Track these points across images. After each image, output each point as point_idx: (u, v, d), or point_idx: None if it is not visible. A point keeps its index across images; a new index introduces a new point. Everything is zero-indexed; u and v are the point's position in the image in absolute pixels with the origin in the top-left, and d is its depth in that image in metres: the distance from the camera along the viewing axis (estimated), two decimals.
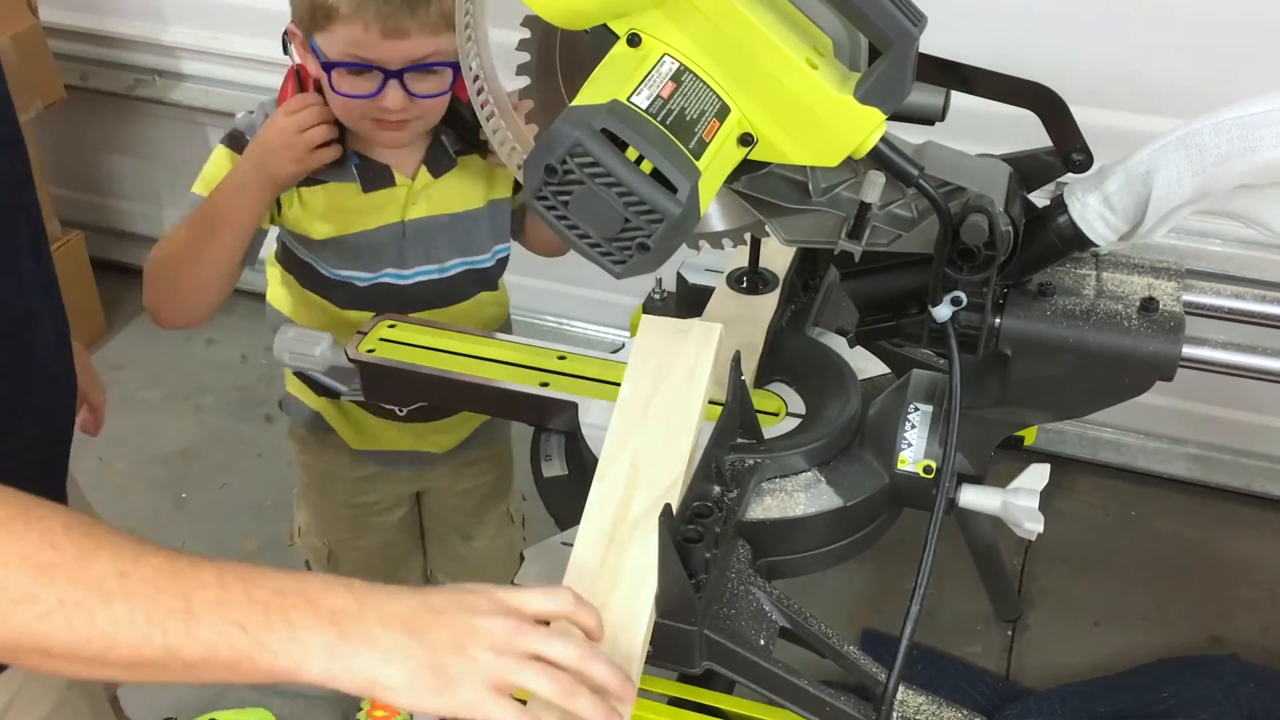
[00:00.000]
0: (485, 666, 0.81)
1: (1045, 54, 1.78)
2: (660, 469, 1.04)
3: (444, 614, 0.82)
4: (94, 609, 0.76)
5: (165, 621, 0.77)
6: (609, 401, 1.25)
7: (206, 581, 0.79)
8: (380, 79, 1.42)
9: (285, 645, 0.79)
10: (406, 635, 0.81)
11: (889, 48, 0.89)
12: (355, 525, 1.87)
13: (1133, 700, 2.13)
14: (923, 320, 1.07)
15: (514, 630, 0.83)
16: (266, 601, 0.79)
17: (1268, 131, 0.94)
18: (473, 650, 0.81)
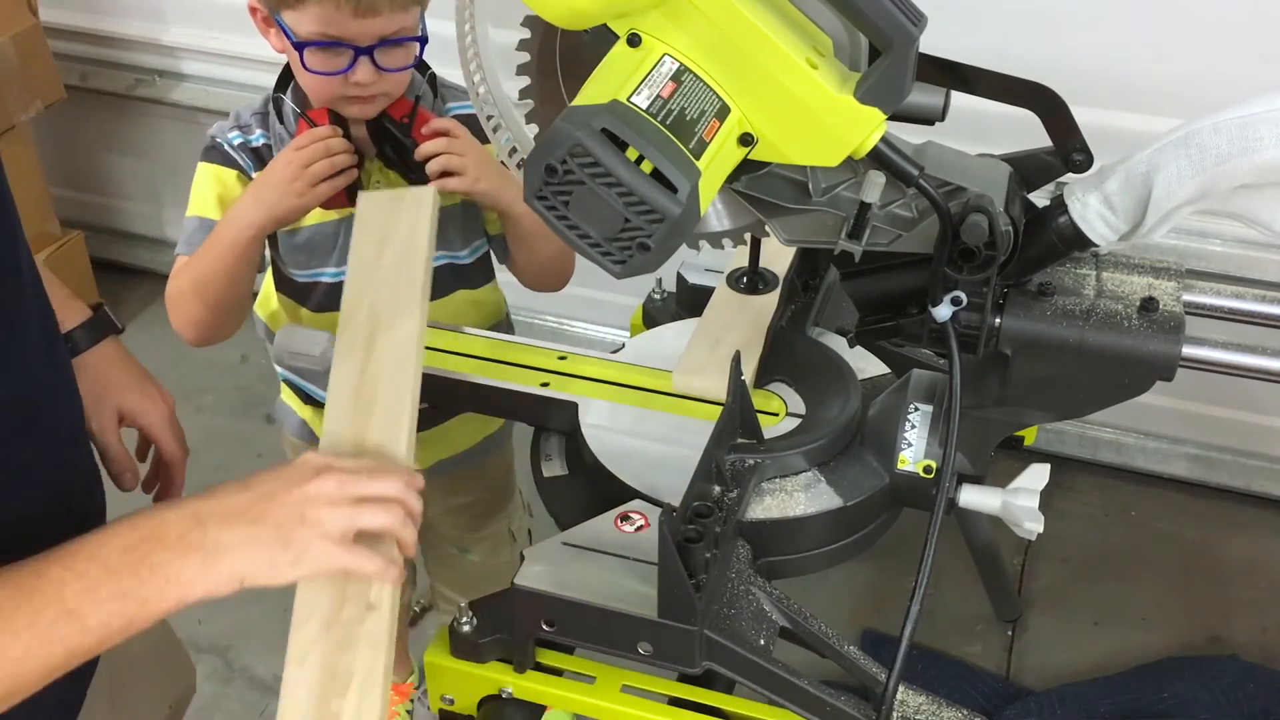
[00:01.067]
0: (327, 524, 0.90)
1: (1045, 54, 1.79)
2: (397, 315, 1.12)
3: (275, 496, 0.90)
4: None
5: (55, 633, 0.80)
6: (609, 401, 1.26)
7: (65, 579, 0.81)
8: (351, 55, 1.43)
9: (161, 590, 0.84)
10: (251, 526, 0.88)
11: (889, 48, 0.89)
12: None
13: (1133, 700, 2.13)
14: (923, 320, 1.07)
15: (340, 483, 0.92)
16: (124, 565, 0.83)
17: (1268, 131, 0.94)
18: (311, 514, 0.90)
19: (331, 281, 1.60)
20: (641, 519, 1.11)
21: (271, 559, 0.88)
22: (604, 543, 1.08)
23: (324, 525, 0.90)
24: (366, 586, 0.95)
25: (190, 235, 1.56)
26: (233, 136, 1.59)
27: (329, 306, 1.62)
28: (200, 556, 0.86)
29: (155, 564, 0.85)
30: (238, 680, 2.29)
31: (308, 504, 0.90)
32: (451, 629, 1.05)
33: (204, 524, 0.87)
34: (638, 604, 1.01)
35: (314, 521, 0.90)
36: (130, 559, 0.84)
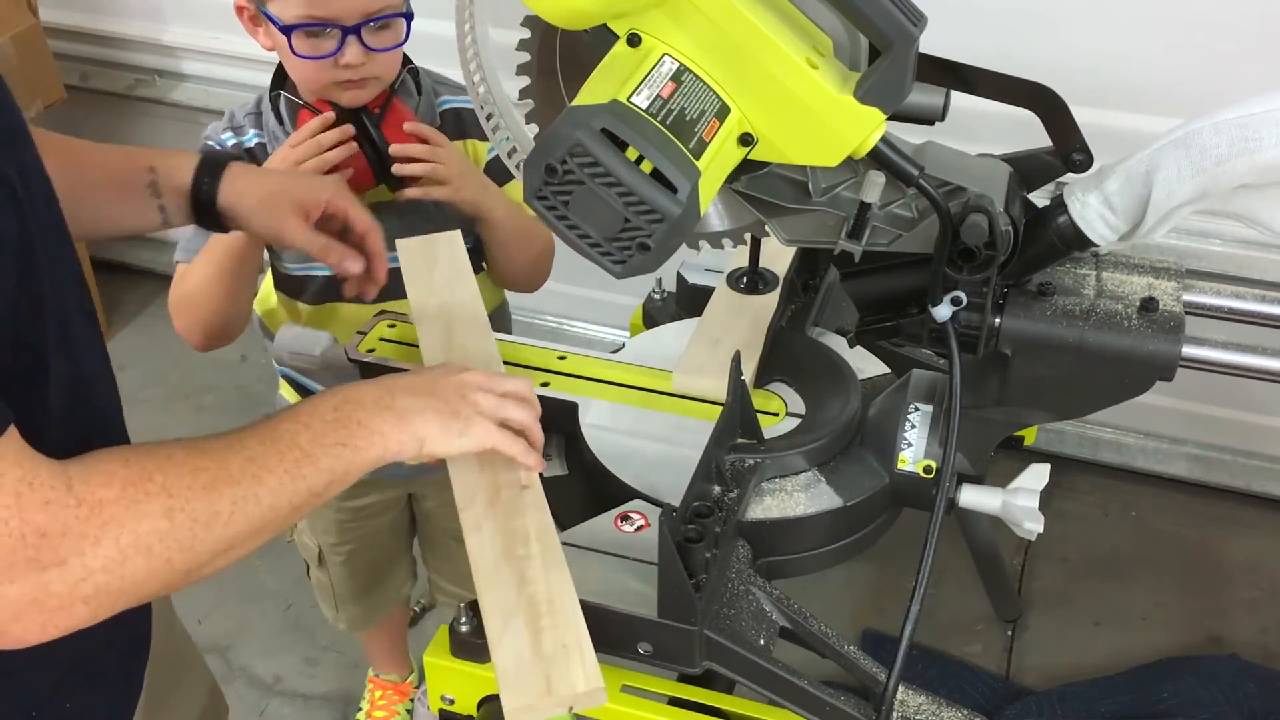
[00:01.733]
0: (483, 405, 1.05)
1: (1045, 54, 1.79)
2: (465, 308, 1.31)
3: (439, 379, 1.06)
4: (256, 494, 0.90)
5: (299, 470, 0.93)
6: (609, 401, 1.26)
7: (297, 430, 0.95)
8: (339, 37, 1.44)
9: (369, 441, 0.99)
10: (428, 397, 1.03)
11: (889, 48, 0.89)
12: (342, 530, 1.88)
13: (1133, 700, 2.13)
14: (923, 320, 1.07)
15: (485, 378, 1.08)
16: (337, 420, 0.98)
17: (1268, 131, 0.94)
18: (470, 396, 1.05)
19: (327, 275, 1.60)
20: (641, 519, 1.11)
21: (445, 426, 1.02)
22: (604, 543, 1.08)
23: (481, 406, 1.05)
24: (515, 473, 1.09)
25: (188, 241, 1.56)
26: (225, 138, 1.59)
27: (325, 299, 1.63)
28: (394, 417, 1.00)
29: (360, 420, 0.98)
30: (238, 680, 2.29)
31: (465, 388, 1.05)
32: (451, 629, 1.05)
33: (392, 393, 1.02)
34: (638, 604, 1.01)
35: (473, 402, 1.05)
36: (340, 415, 0.98)
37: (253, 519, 0.90)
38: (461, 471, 1.09)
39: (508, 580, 0.99)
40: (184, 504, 0.86)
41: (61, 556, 0.80)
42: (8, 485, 0.78)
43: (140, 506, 0.84)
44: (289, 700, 2.26)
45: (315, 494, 0.95)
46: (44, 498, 0.80)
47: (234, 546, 0.90)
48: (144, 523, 0.83)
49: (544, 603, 0.97)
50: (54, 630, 0.82)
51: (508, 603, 0.97)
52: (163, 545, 0.84)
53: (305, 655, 2.34)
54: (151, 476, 0.85)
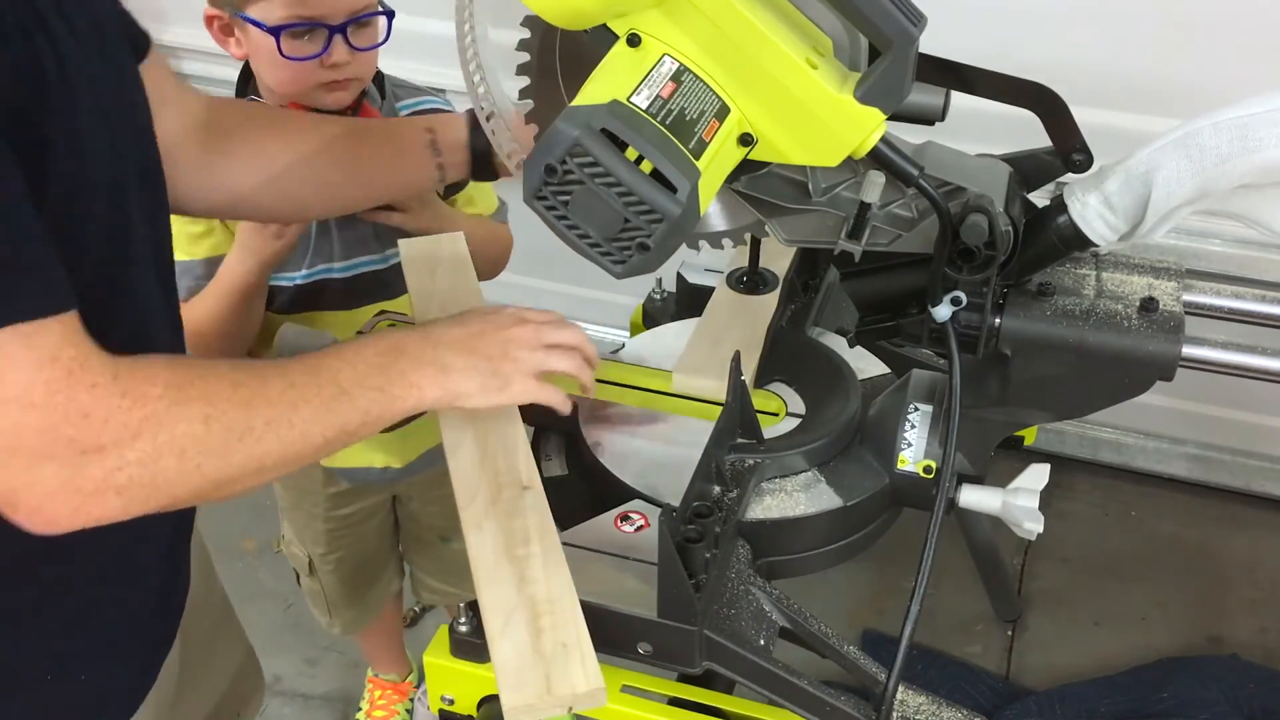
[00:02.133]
0: (525, 362, 1.06)
1: (1045, 54, 1.78)
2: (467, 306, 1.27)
3: (486, 334, 1.07)
4: (290, 419, 0.93)
5: (334, 405, 0.96)
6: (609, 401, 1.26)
7: (339, 367, 0.98)
8: (325, 37, 1.45)
9: (407, 390, 1.01)
10: (469, 355, 1.05)
11: (889, 48, 0.89)
12: (331, 539, 1.89)
13: (1133, 700, 2.13)
14: (923, 320, 1.07)
15: (535, 331, 1.08)
16: (380, 365, 1.00)
17: (1268, 131, 0.94)
18: (513, 353, 1.06)
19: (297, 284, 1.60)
20: (641, 519, 1.11)
21: (484, 384, 1.04)
22: (604, 543, 1.08)
23: (522, 363, 1.06)
24: (516, 471, 1.10)
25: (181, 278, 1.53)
26: None
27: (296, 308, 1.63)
28: (434, 371, 1.02)
29: (401, 369, 1.01)
30: None
31: (510, 344, 1.06)
32: (451, 629, 1.05)
33: (435, 346, 1.04)
34: (638, 604, 1.01)
35: (515, 359, 1.06)
36: (383, 361, 1.00)
37: (284, 442, 0.93)
38: (462, 471, 1.09)
39: (508, 580, 0.99)
40: (220, 414, 0.89)
41: (101, 442, 0.83)
42: (62, 361, 0.81)
43: (179, 409, 0.87)
44: (289, 700, 2.26)
45: (348, 432, 0.98)
46: (92, 380, 0.83)
47: (264, 468, 0.93)
48: (180, 425, 0.86)
49: (544, 602, 0.97)
50: (85, 518, 0.85)
51: (508, 602, 0.97)
52: (196, 450, 0.87)
53: (305, 655, 2.34)
54: (193, 383, 0.89)
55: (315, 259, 1.59)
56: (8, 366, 0.79)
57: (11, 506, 0.83)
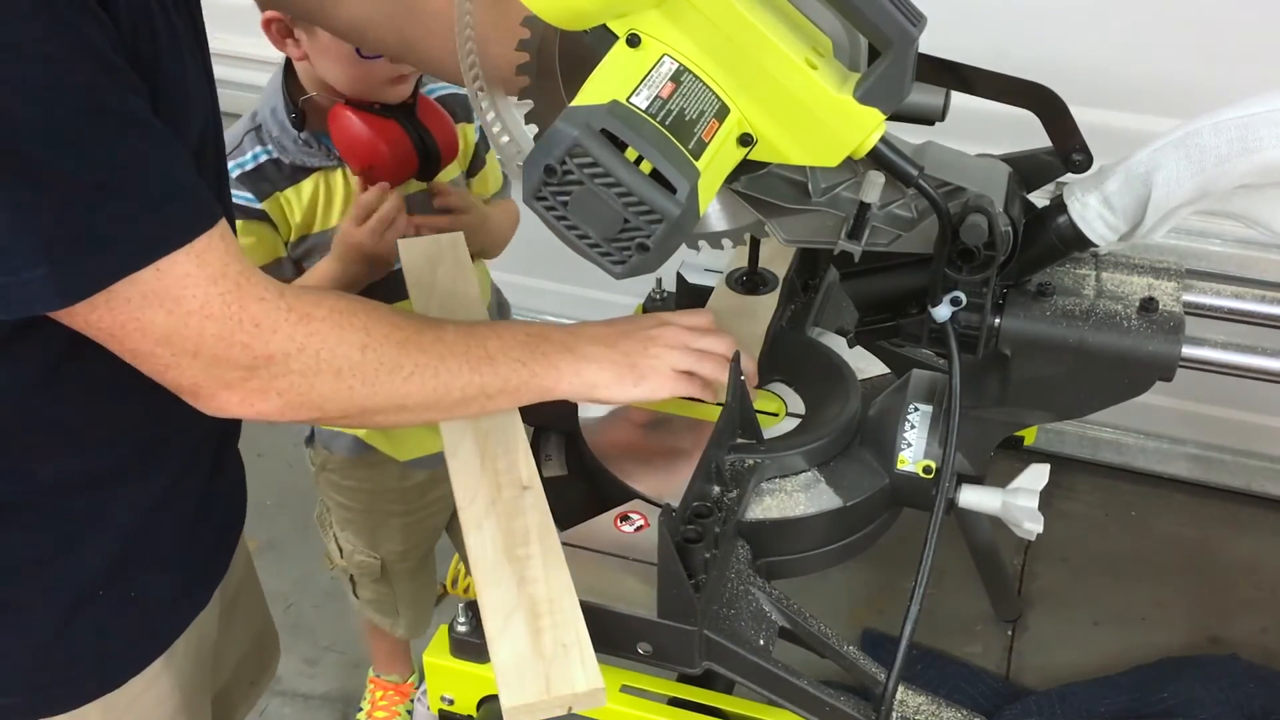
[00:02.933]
0: (664, 360, 1.10)
1: (1045, 54, 1.79)
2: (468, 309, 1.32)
3: (630, 334, 1.12)
4: (436, 368, 1.01)
5: (479, 366, 1.03)
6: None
7: (488, 335, 1.05)
8: None
9: (546, 370, 1.06)
10: (608, 349, 1.09)
11: (889, 48, 0.89)
12: (408, 535, 1.90)
13: (1133, 700, 2.13)
14: (923, 320, 1.07)
15: (678, 334, 1.12)
16: (526, 342, 1.07)
17: (1268, 131, 0.94)
18: (653, 350, 1.10)
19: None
20: (641, 519, 1.11)
21: (619, 377, 1.08)
22: (604, 543, 1.08)
23: (661, 360, 1.10)
24: (516, 471, 1.11)
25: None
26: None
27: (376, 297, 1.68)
28: (573, 359, 1.07)
29: (544, 351, 1.07)
30: None
31: (651, 343, 1.11)
32: (451, 629, 1.05)
33: (578, 337, 1.09)
34: (638, 604, 1.01)
35: (654, 355, 1.10)
36: (530, 341, 1.07)
37: (427, 388, 1.00)
38: (462, 471, 1.09)
39: (508, 579, 0.99)
40: (377, 346, 0.97)
41: (270, 350, 0.92)
42: (231, 275, 0.90)
43: (342, 332, 0.96)
44: (289, 700, 2.26)
45: (486, 394, 1.04)
46: (260, 294, 0.92)
47: (406, 407, 1.00)
48: (341, 347, 0.96)
49: (544, 602, 0.97)
50: (249, 409, 0.95)
51: (507, 602, 0.97)
52: (351, 372, 0.96)
53: (305, 655, 2.34)
54: (356, 314, 0.97)
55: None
56: (187, 284, 0.88)
57: (193, 396, 0.94)
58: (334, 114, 1.54)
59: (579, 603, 0.97)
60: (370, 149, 1.54)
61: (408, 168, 1.57)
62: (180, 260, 0.87)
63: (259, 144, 1.59)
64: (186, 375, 0.92)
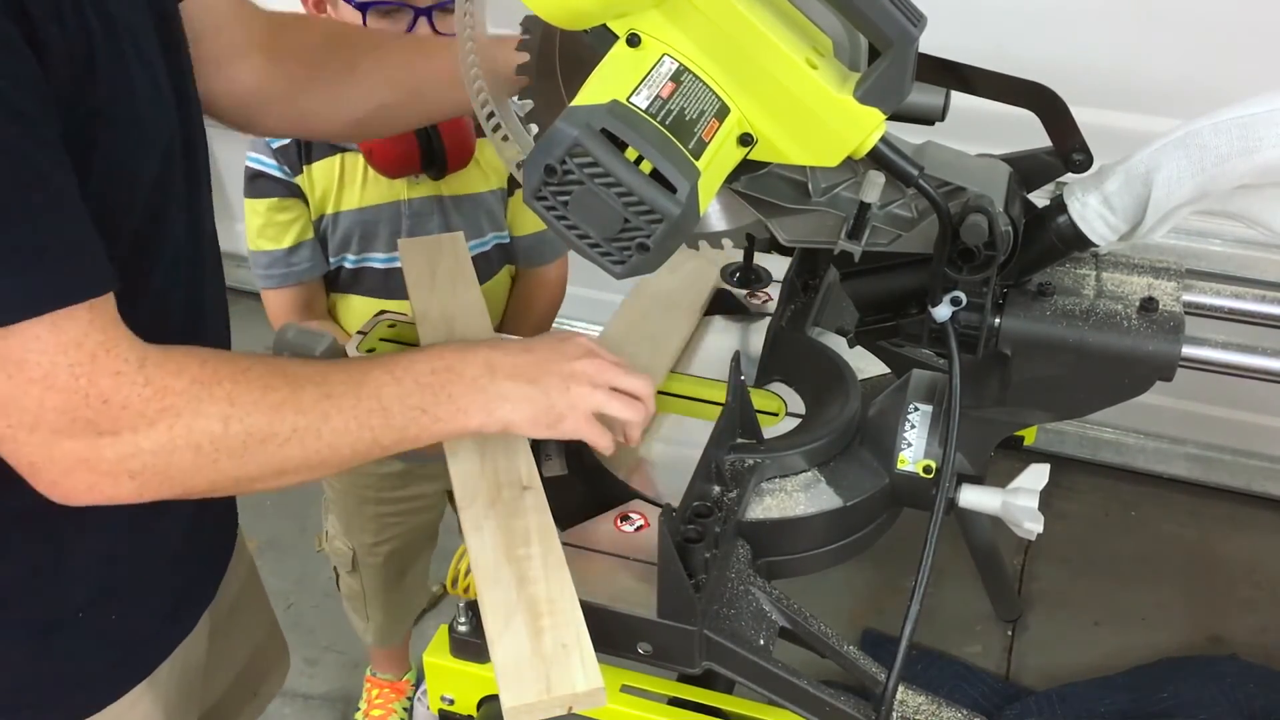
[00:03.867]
0: (584, 402, 1.04)
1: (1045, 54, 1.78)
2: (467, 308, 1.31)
3: (549, 365, 1.04)
4: (319, 429, 0.93)
5: (369, 420, 0.95)
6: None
7: (384, 382, 0.97)
8: (410, 17, 1.50)
9: (453, 414, 0.99)
10: (527, 385, 1.02)
11: (889, 48, 0.89)
12: (381, 526, 1.89)
13: (1133, 700, 2.13)
14: (923, 320, 1.07)
15: (599, 370, 1.05)
16: (429, 384, 0.99)
17: (1268, 131, 0.94)
18: (574, 389, 1.03)
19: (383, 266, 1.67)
20: (641, 519, 1.11)
21: (535, 417, 1.02)
22: (604, 543, 1.08)
23: (581, 402, 1.04)
24: (516, 471, 1.10)
25: (268, 268, 1.66)
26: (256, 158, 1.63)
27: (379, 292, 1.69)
28: (485, 399, 1.00)
29: (452, 393, 0.99)
30: None
31: (573, 379, 1.04)
32: (451, 629, 1.05)
33: (494, 373, 1.02)
34: (638, 604, 1.01)
35: (575, 395, 1.03)
36: (435, 381, 0.99)
37: (309, 451, 0.93)
38: (462, 471, 1.09)
39: (508, 580, 0.99)
40: (243, 416, 0.89)
41: (117, 427, 0.85)
42: (87, 346, 0.83)
43: (201, 405, 0.88)
44: (289, 700, 2.26)
45: (382, 446, 0.97)
46: (116, 368, 0.85)
47: (285, 471, 0.93)
48: (199, 421, 0.88)
49: (544, 602, 0.97)
50: (99, 495, 0.88)
51: (508, 602, 0.97)
52: (213, 447, 0.88)
53: (305, 655, 2.34)
54: (221, 382, 0.89)
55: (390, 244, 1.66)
56: (34, 349, 0.81)
57: (33, 477, 0.87)
58: None
59: (579, 603, 0.97)
60: None
61: (409, 159, 1.57)
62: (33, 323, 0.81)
63: None
64: (24, 451, 0.85)
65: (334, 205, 1.63)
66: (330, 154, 1.61)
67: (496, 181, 1.71)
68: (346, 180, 1.62)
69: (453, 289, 1.33)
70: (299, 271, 1.66)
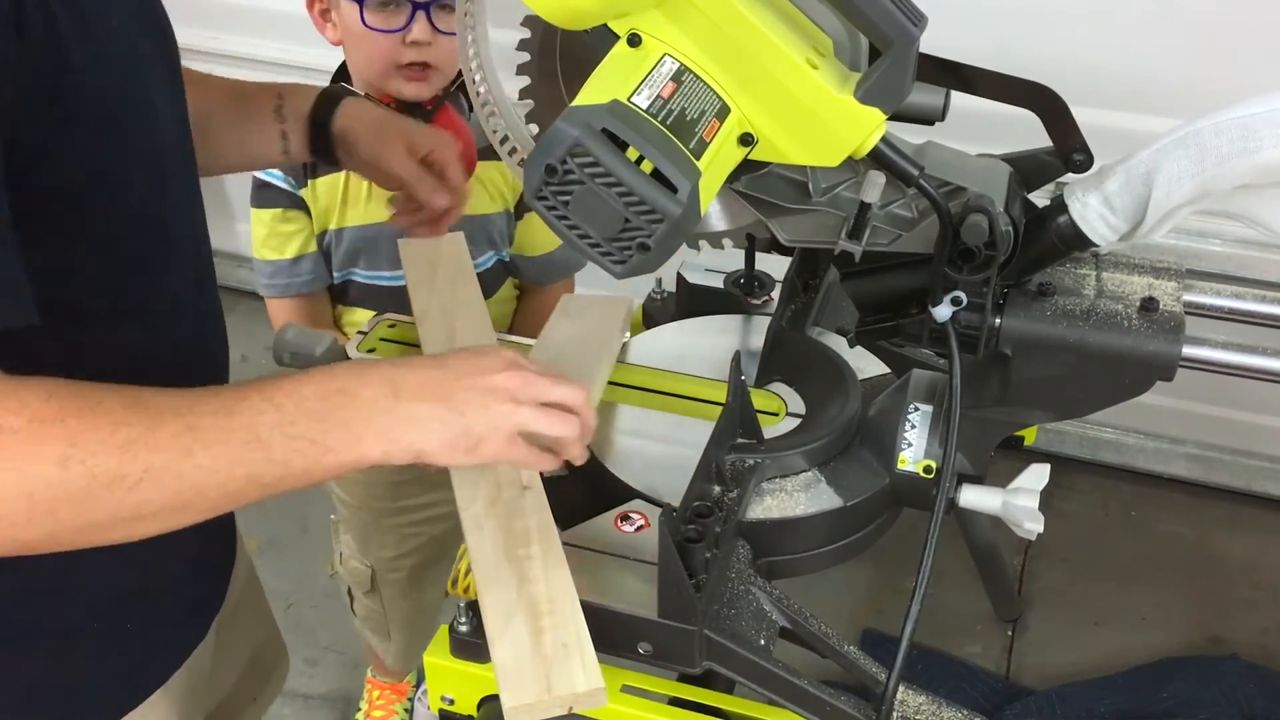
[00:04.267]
0: (506, 420, 0.91)
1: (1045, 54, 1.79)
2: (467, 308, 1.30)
3: (465, 378, 0.92)
4: (179, 467, 0.81)
5: (243, 455, 0.83)
6: (608, 401, 1.26)
7: (262, 409, 0.85)
8: (408, 12, 1.50)
9: (348, 444, 0.86)
10: (437, 404, 0.90)
11: (889, 48, 0.89)
12: (401, 538, 1.86)
13: (1133, 700, 2.13)
14: (923, 320, 1.07)
15: (523, 383, 0.93)
16: (317, 410, 0.86)
17: (1268, 131, 0.94)
18: (495, 407, 0.91)
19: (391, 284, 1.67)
20: (641, 519, 1.11)
21: (450, 442, 0.90)
22: (604, 543, 1.08)
23: (503, 421, 0.91)
24: (516, 471, 1.07)
25: (271, 278, 1.67)
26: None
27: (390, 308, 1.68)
28: (387, 421, 0.88)
29: (346, 418, 0.87)
30: None
31: (493, 395, 0.92)
32: (451, 629, 1.05)
33: (398, 391, 0.89)
34: (638, 604, 1.01)
35: (495, 414, 0.91)
36: (325, 406, 0.86)
37: (169, 493, 0.82)
38: (462, 471, 1.09)
39: (508, 580, 0.99)
40: (85, 456, 0.78)
41: None
42: None
43: (38, 448, 0.78)
44: (289, 700, 2.26)
45: (261, 485, 0.85)
46: None
47: (145, 517, 0.82)
48: (34, 465, 0.78)
49: (544, 602, 0.97)
50: None
51: (508, 602, 0.97)
52: (49, 494, 0.78)
53: (305, 655, 2.34)
54: (64, 419, 0.79)
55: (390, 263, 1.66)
56: None
57: None
58: None
59: (579, 603, 0.97)
60: None
61: None
62: None
63: None
64: None
65: (337, 221, 1.64)
66: (334, 170, 1.61)
67: (503, 204, 1.71)
68: (350, 197, 1.62)
69: (453, 288, 1.33)
70: (301, 283, 1.67)
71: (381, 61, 1.53)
